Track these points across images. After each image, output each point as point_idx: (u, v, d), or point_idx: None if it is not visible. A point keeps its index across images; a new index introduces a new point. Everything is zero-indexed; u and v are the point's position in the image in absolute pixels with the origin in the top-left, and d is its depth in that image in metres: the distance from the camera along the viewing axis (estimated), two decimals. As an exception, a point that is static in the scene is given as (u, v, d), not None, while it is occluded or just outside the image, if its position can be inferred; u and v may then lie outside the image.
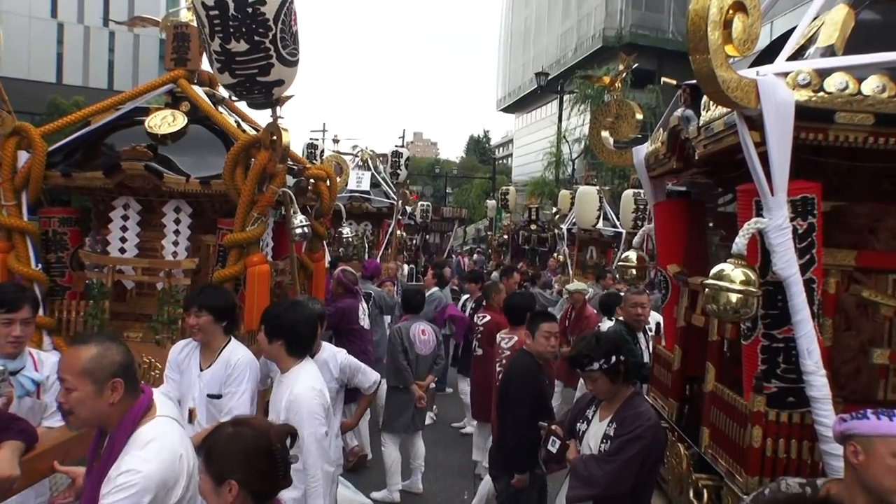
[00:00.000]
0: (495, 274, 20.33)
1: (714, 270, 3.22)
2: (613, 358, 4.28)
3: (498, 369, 6.86)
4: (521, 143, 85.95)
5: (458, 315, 11.31)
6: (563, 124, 39.81)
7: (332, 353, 5.75)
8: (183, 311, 4.93)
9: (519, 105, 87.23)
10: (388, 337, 8.31)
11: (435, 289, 12.02)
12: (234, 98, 6.01)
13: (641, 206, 13.85)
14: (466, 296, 12.81)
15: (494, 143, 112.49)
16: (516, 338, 6.85)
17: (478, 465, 8.35)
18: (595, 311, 10.12)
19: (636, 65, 5.97)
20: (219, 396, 4.65)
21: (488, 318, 8.54)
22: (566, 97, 39.77)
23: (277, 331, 4.51)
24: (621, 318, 7.62)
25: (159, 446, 2.88)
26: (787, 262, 3.23)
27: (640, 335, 7.34)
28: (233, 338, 4.84)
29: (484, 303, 9.24)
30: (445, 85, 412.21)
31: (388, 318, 10.90)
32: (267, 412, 4.76)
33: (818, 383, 3.22)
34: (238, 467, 2.63)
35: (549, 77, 42.53)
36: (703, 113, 3.79)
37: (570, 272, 16.30)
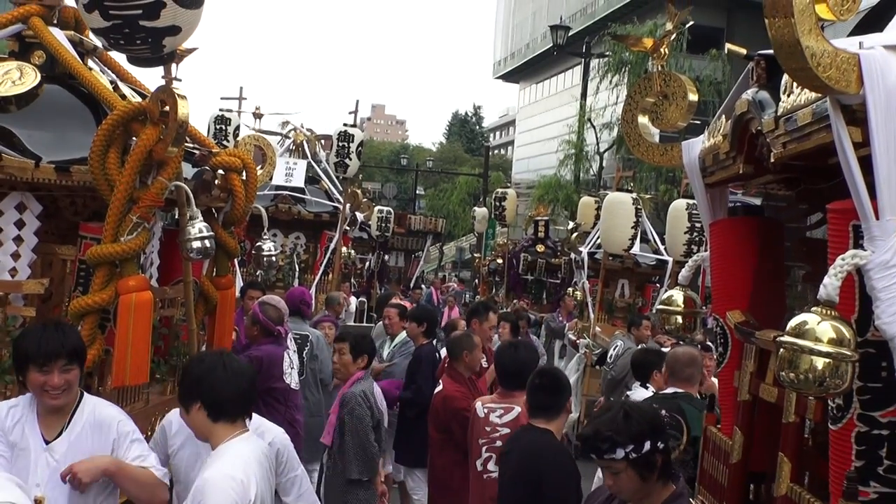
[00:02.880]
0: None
1: (793, 323, 3.25)
2: (647, 444, 4.05)
3: (487, 454, 6.82)
4: (527, 127, 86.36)
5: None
6: (589, 101, 40.13)
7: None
8: (31, 368, 4.61)
9: (525, 71, 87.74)
10: (349, 406, 7.82)
11: (404, 334, 11.65)
12: (109, 48, 6.00)
13: (698, 225, 13.91)
14: None
15: (488, 126, 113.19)
16: (519, 409, 6.76)
17: None
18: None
19: (692, 22, 6.06)
20: None
21: (440, 387, 8.34)
22: (594, 62, 40.06)
23: (188, 391, 4.48)
24: (679, 389, 7.39)
25: None
26: (895, 315, 3.27)
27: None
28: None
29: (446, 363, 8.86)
30: (421, 39, 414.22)
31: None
32: None
33: (936, 488, 3.26)
34: None
35: (571, 32, 42.78)
36: (783, 97, 3.85)
37: (592, 316, 16.35)
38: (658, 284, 16.91)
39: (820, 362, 3.12)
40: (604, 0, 65.30)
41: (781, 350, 3.26)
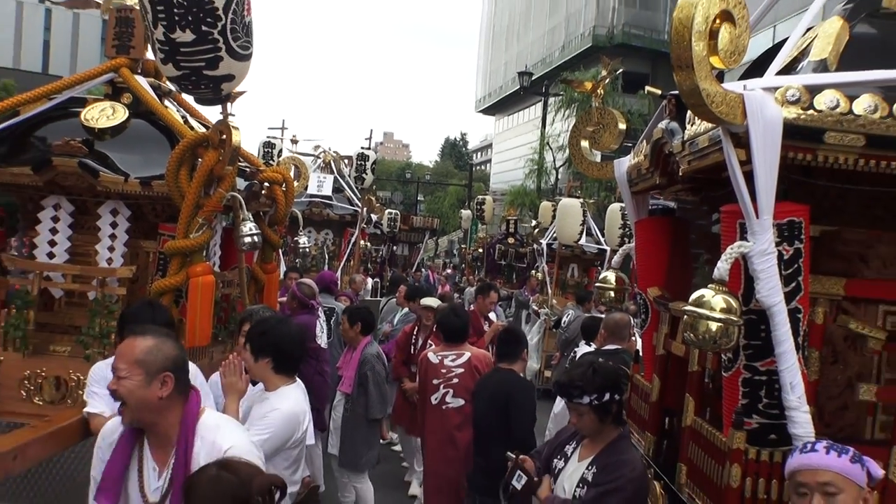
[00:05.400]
0: (470, 290, 20.39)
1: (693, 296, 3.26)
2: (607, 395, 4.17)
3: (444, 389, 6.89)
4: (501, 149, 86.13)
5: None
6: (547, 129, 40.05)
7: None
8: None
9: (500, 107, 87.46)
10: (371, 363, 7.94)
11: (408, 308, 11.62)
12: (181, 91, 6.01)
13: (628, 223, 13.90)
14: None
15: (472, 148, 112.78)
16: (468, 354, 6.94)
17: (416, 499, 8.66)
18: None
19: (621, 69, 6.05)
20: None
21: (432, 347, 8.18)
22: (551, 100, 40.01)
23: (263, 348, 4.58)
24: (620, 346, 7.34)
25: (234, 424, 3.30)
26: (771, 290, 3.29)
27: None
28: None
29: (434, 328, 8.75)
30: (420, 81, 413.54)
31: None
32: None
33: (801, 420, 3.27)
34: None
35: (533, 77, 42.71)
36: (688, 126, 3.85)
37: (550, 292, 16.39)
38: (599, 267, 16.90)
39: (714, 326, 3.15)
40: (558, 52, 65.21)
41: (686, 317, 3.28)
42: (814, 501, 2.74)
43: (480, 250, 27.06)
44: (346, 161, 18.67)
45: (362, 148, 17.43)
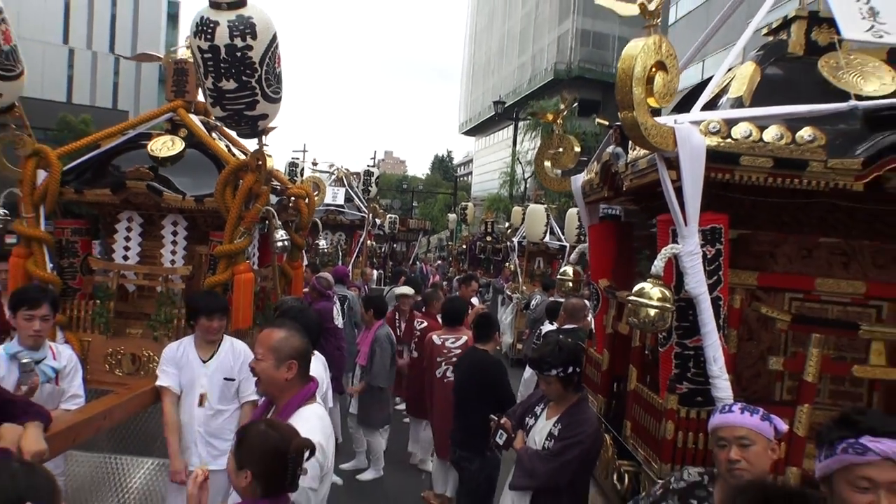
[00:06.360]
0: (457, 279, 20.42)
1: (635, 288, 3.30)
2: (571, 368, 4.24)
3: (445, 366, 6.93)
4: (480, 163, 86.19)
5: None
6: (517, 147, 40.05)
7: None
8: (202, 317, 4.86)
9: (479, 129, 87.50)
10: (381, 341, 8.04)
11: None
12: (225, 127, 6.02)
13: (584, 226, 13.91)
14: None
15: (456, 163, 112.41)
16: (465, 337, 6.93)
17: (413, 455, 8.65)
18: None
19: (576, 103, 6.08)
20: (233, 379, 4.91)
21: (425, 323, 8.47)
22: (520, 123, 40.02)
23: None
24: (576, 325, 7.32)
25: (320, 423, 3.28)
26: (697, 283, 3.34)
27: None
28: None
29: (423, 309, 8.99)
30: (415, 109, 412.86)
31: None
32: None
33: (722, 385, 3.33)
34: (255, 461, 2.73)
35: (506, 105, 42.68)
36: (630, 151, 3.90)
37: (520, 280, 16.45)
38: (561, 260, 16.97)
39: (652, 311, 3.20)
40: (527, 84, 65.27)
41: (629, 304, 3.33)
42: (731, 452, 2.79)
43: (464, 246, 27.08)
44: (355, 176, 18.68)
45: (368, 166, 17.47)
